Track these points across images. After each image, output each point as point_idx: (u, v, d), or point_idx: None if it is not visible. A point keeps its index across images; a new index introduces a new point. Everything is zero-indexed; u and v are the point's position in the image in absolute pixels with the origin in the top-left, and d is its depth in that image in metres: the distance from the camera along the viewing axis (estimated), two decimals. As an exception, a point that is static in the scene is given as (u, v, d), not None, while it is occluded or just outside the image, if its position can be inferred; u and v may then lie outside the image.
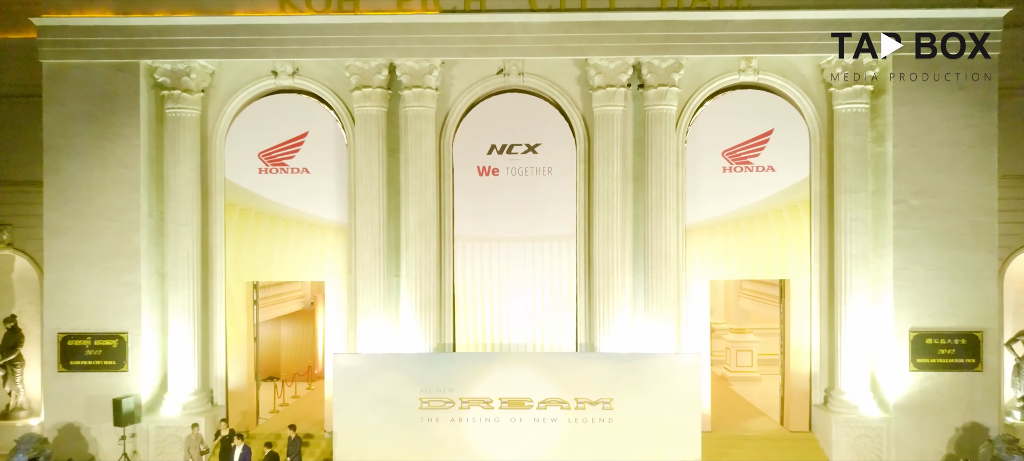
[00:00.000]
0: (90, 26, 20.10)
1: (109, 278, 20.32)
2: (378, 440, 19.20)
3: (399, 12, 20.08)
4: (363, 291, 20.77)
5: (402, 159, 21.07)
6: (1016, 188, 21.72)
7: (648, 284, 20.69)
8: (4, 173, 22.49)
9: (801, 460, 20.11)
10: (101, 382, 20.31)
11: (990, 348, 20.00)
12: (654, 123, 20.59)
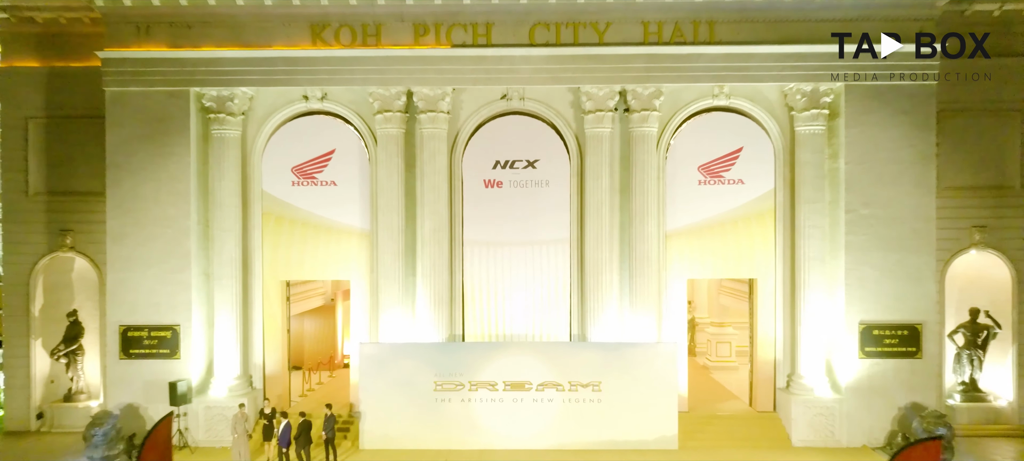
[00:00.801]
0: (147, 58, 23.12)
1: (163, 278, 23.36)
2: (398, 417, 22.28)
3: (416, 47, 23.11)
4: (384, 288, 23.84)
5: (418, 173, 24.09)
6: (957, 198, 24.77)
7: (633, 283, 23.75)
8: (67, 185, 25.52)
9: (765, 436, 23.14)
10: (157, 368, 23.36)
11: (929, 338, 23.05)
12: (638, 142, 23.63)
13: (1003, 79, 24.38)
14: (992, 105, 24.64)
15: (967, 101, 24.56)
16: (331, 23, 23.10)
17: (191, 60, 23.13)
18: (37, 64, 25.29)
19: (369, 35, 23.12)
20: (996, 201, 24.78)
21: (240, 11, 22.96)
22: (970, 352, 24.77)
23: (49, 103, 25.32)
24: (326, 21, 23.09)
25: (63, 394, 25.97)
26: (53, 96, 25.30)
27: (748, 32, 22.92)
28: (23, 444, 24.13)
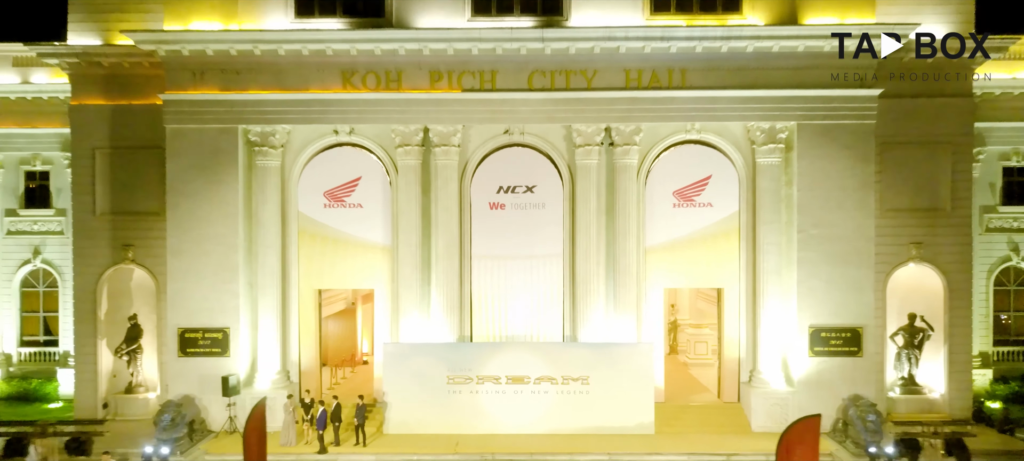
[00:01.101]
0: (202, 100, 27.19)
1: (215, 287, 27.42)
2: (417, 406, 26.33)
3: (431, 91, 27.17)
4: (404, 296, 27.91)
5: (432, 197, 28.13)
6: (898, 218, 28.83)
7: (616, 291, 27.81)
8: (128, 206, 29.60)
9: (729, 423, 27.19)
10: (209, 365, 27.41)
11: (868, 340, 27.10)
12: (621, 171, 27.69)
13: (935, 117, 28.40)
14: (927, 139, 28.64)
15: (906, 135, 28.57)
16: (359, 70, 27.15)
17: (239, 102, 27.17)
18: (103, 101, 29.34)
19: (392, 80, 27.16)
20: (931, 221, 28.80)
21: (281, 60, 27.01)
22: (908, 351, 28.80)
23: (113, 135, 29.37)
24: (355, 68, 27.14)
25: (124, 387, 30.04)
26: (116, 129, 29.34)
27: (715, 78, 26.93)
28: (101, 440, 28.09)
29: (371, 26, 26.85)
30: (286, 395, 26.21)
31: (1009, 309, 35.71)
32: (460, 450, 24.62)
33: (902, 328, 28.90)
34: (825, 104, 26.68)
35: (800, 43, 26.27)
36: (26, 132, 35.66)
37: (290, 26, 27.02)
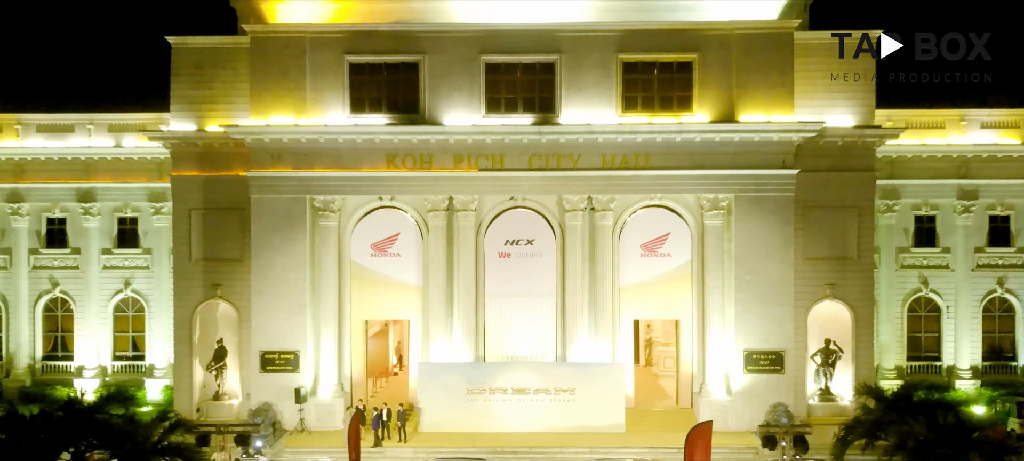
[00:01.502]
0: (279, 177, 35.66)
1: (288, 319, 35.86)
2: (444, 410, 34.72)
3: (455, 170, 35.61)
4: (433, 325, 36.40)
5: (455, 249, 36.58)
6: (815, 265, 37.16)
7: (596, 322, 36.25)
8: (217, 254, 38.00)
9: (683, 424, 35.13)
10: (284, 379, 35.83)
11: (788, 360, 35.49)
12: (599, 230, 36.15)
13: (844, 186, 36.82)
14: (838, 203, 37.01)
15: (822, 200, 36.93)
16: (399, 154, 35.62)
17: (307, 178, 35.66)
18: (197, 172, 37.80)
19: (424, 161, 35.63)
20: (842, 267, 37.20)
21: (339, 146, 35.50)
22: (824, 368, 37.26)
23: (205, 199, 37.83)
24: (396, 152, 35.61)
25: (211, 395, 38.53)
26: (208, 194, 37.79)
27: (672, 160, 35.36)
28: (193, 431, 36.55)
29: (409, 122, 35.32)
30: (346, 407, 34.70)
31: (920, 331, 44.21)
32: (477, 444, 33.02)
33: (819, 350, 37.35)
34: (756, 181, 35.11)
35: (736, 135, 34.73)
36: (118, 186, 44.14)
37: (346, 121, 35.50)
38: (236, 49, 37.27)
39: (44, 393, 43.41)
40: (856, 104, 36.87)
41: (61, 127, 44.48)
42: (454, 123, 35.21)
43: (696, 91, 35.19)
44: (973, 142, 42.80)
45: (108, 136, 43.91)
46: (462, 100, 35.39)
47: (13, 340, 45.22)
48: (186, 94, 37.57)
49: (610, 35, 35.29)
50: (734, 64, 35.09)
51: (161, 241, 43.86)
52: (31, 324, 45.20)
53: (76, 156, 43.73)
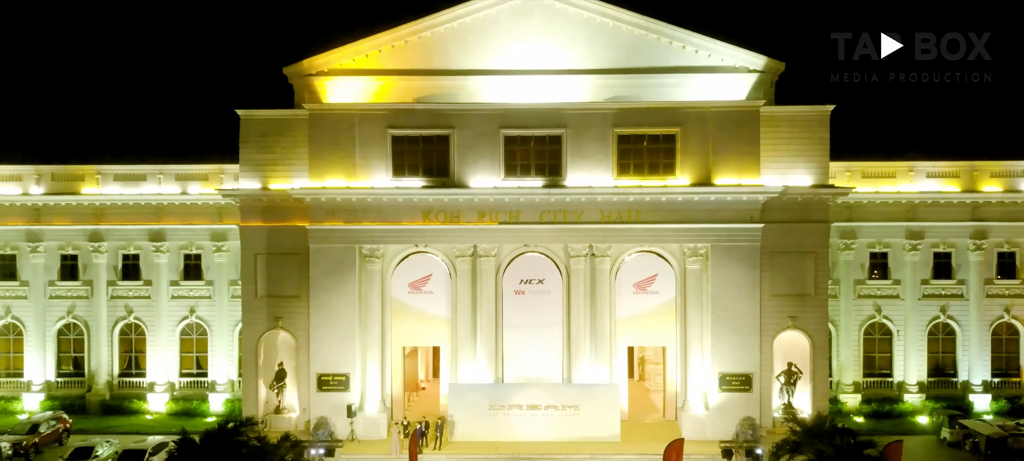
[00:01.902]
0: (333, 230, 43.09)
1: (340, 347, 43.32)
2: (471, 423, 42.17)
3: (478, 224, 43.06)
4: (460, 351, 43.90)
5: (478, 287, 44.02)
6: (780, 301, 44.51)
7: (596, 349, 43.75)
8: (278, 291, 45.36)
9: (668, 434, 42.69)
10: (337, 397, 43.31)
11: (756, 381, 42.94)
12: (599, 272, 43.64)
13: (803, 235, 44.23)
14: (799, 249, 44.37)
15: (785, 247, 44.27)
16: (432, 210, 43.07)
17: (356, 230, 43.10)
18: (262, 223, 45.22)
19: (453, 216, 43.07)
20: (802, 302, 44.59)
21: (383, 204, 42.92)
22: (787, 387, 44.70)
23: (268, 245, 45.24)
24: (430, 209, 43.06)
25: (273, 409, 46.03)
26: (270, 241, 45.19)
27: (659, 216, 42.78)
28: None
29: (441, 184, 42.79)
30: (389, 420, 42.21)
31: (875, 352, 51.74)
32: (499, 452, 40.48)
33: (783, 372, 44.80)
34: (728, 233, 42.58)
35: (712, 195, 42.18)
36: (184, 227, 51.66)
37: (389, 183, 42.96)
38: (294, 120, 44.71)
39: (121, 405, 51.30)
40: (814, 166, 44.31)
41: (135, 176, 52.02)
42: (478, 185, 42.66)
43: (679, 158, 42.64)
44: (920, 190, 50.39)
45: (176, 184, 51.42)
46: (485, 166, 42.85)
47: (94, 360, 52.75)
48: (252, 157, 44.99)
49: (607, 113, 42.78)
50: (710, 136, 42.53)
51: (221, 275, 51.44)
52: (109, 346, 52.75)
53: (148, 201, 51.23)
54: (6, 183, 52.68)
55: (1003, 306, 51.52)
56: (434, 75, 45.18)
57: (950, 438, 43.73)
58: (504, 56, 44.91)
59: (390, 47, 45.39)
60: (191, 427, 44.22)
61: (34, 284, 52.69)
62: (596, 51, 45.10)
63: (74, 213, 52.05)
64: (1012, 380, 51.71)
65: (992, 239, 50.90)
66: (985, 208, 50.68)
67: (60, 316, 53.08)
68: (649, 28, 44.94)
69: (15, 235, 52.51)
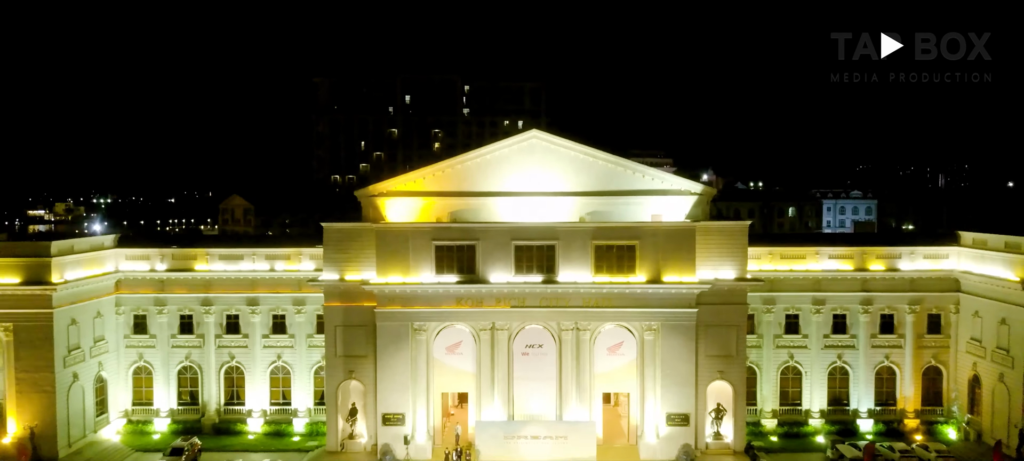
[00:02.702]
0: (393, 312, 61.26)
1: (399, 393, 61.69)
2: (491, 449, 60.55)
3: (495, 307, 61.28)
4: (483, 396, 62.40)
5: (495, 350, 62.29)
6: (711, 360, 63.00)
7: (579, 395, 62.22)
8: (351, 352, 63.60)
9: (630, 457, 61.69)
10: (396, 429, 61.70)
11: (692, 418, 61.36)
12: (581, 341, 62.01)
13: (729, 314, 62.42)
14: (725, 323, 62.56)
15: (715, 321, 62.44)
16: (463, 298, 61.22)
17: (410, 313, 61.30)
18: (339, 303, 63.37)
19: (478, 302, 61.23)
20: (726, 361, 62.81)
21: (429, 293, 61.03)
22: (716, 421, 63.07)
23: (344, 319, 63.37)
24: (461, 297, 61.21)
25: (347, 435, 64.60)
26: (346, 316, 63.32)
27: (624, 303, 60.93)
28: (338, 458, 62.76)
29: (469, 280, 60.86)
30: (433, 446, 60.79)
31: (789, 387, 70.27)
32: (511, 469, 59.18)
33: (713, 410, 63.23)
34: (673, 315, 60.82)
35: (661, 289, 60.30)
36: (272, 295, 69.86)
37: (433, 279, 61.03)
38: (363, 230, 62.65)
39: (227, 428, 69.73)
40: (735, 263, 62.38)
41: (234, 256, 70.16)
42: (496, 280, 60.79)
43: (638, 262, 60.73)
44: (823, 268, 68.63)
45: (265, 262, 69.57)
46: (500, 266, 60.97)
47: (206, 393, 71.22)
48: (332, 257, 63.03)
49: (587, 229, 60.81)
50: (660, 246, 60.57)
51: (300, 330, 69.76)
52: (217, 382, 71.13)
53: (245, 276, 69.42)
54: (138, 261, 70.73)
55: (884, 354, 69.85)
56: (463, 196, 63.16)
57: (831, 456, 62.36)
58: (513, 182, 62.88)
59: (431, 176, 63.37)
60: (281, 445, 63.57)
61: (160, 337, 70.97)
62: (580, 178, 63.06)
63: (189, 284, 70.16)
64: (889, 408, 70.21)
65: (876, 305, 69.11)
66: (871, 282, 68.83)
67: (180, 360, 71.35)
68: (618, 163, 62.85)
69: (145, 301, 70.67)
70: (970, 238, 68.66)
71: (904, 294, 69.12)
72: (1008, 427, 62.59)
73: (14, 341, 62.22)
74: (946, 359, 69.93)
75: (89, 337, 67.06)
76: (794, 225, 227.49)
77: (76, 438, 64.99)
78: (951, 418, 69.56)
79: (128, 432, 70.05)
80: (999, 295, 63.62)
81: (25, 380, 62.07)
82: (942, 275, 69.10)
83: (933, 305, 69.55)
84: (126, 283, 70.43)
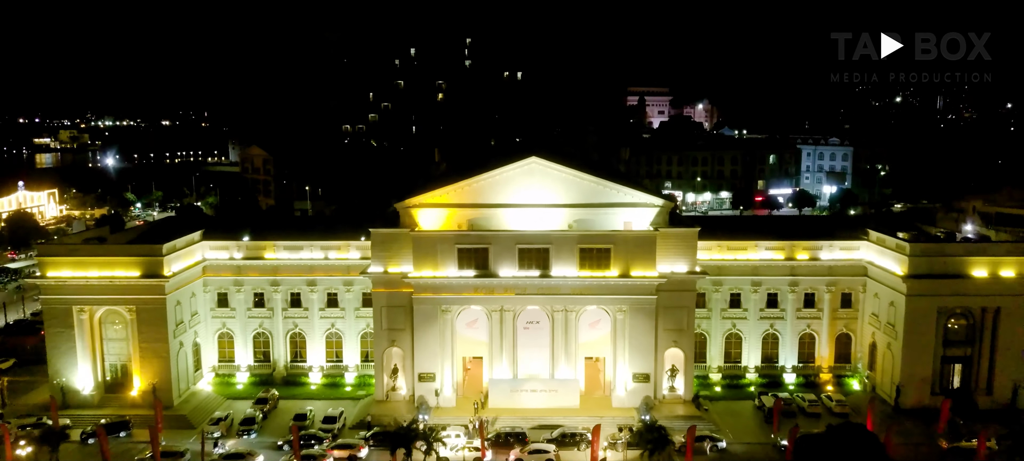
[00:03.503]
0: (427, 297, 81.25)
1: (430, 357, 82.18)
2: (500, 398, 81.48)
3: (504, 294, 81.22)
4: (494, 360, 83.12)
5: (503, 326, 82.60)
6: (667, 332, 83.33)
7: (567, 358, 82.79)
8: (394, 326, 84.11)
9: (605, 405, 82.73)
10: (429, 385, 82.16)
11: (652, 376, 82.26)
12: (569, 319, 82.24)
13: (681, 298, 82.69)
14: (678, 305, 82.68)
15: (671, 304, 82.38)
16: (479, 287, 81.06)
17: (440, 298, 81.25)
18: (384, 290, 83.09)
19: (490, 291, 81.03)
20: (679, 333, 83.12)
21: (453, 284, 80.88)
22: (670, 378, 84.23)
23: (387, 302, 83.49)
24: (477, 287, 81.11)
25: (390, 389, 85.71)
26: (388, 300, 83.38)
27: (602, 291, 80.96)
28: (384, 406, 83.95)
29: (484, 274, 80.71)
30: (457, 397, 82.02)
31: (732, 349, 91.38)
32: (515, 413, 79.93)
33: (669, 369, 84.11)
34: (639, 301, 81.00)
35: (629, 282, 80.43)
36: (326, 278, 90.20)
37: (456, 273, 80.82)
38: (401, 235, 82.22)
39: (293, 380, 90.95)
40: (687, 260, 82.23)
41: (296, 247, 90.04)
42: (504, 274, 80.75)
43: (612, 260, 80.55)
44: (760, 257, 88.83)
45: (320, 251, 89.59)
46: (507, 263, 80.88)
47: (275, 353, 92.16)
48: (378, 254, 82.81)
49: (573, 236, 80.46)
50: (629, 248, 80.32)
51: (349, 305, 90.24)
52: (284, 345, 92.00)
53: (304, 262, 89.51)
54: (219, 251, 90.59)
55: (806, 323, 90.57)
56: (478, 207, 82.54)
57: (757, 404, 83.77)
58: (517, 196, 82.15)
59: (454, 191, 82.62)
60: (336, 394, 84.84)
61: (239, 310, 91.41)
62: (569, 193, 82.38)
63: (260, 269, 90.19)
64: (810, 365, 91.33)
65: (801, 286, 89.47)
66: (798, 268, 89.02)
67: (254, 328, 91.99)
68: (599, 182, 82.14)
69: (226, 282, 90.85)
70: (875, 236, 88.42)
71: (823, 278, 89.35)
72: (891, 383, 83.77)
73: (136, 320, 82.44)
74: (854, 328, 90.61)
75: (187, 312, 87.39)
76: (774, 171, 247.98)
77: (183, 390, 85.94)
78: (856, 373, 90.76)
79: (216, 383, 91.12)
80: (890, 283, 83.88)
81: (146, 349, 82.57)
82: (853, 263, 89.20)
83: (846, 286, 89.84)
84: (210, 268, 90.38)
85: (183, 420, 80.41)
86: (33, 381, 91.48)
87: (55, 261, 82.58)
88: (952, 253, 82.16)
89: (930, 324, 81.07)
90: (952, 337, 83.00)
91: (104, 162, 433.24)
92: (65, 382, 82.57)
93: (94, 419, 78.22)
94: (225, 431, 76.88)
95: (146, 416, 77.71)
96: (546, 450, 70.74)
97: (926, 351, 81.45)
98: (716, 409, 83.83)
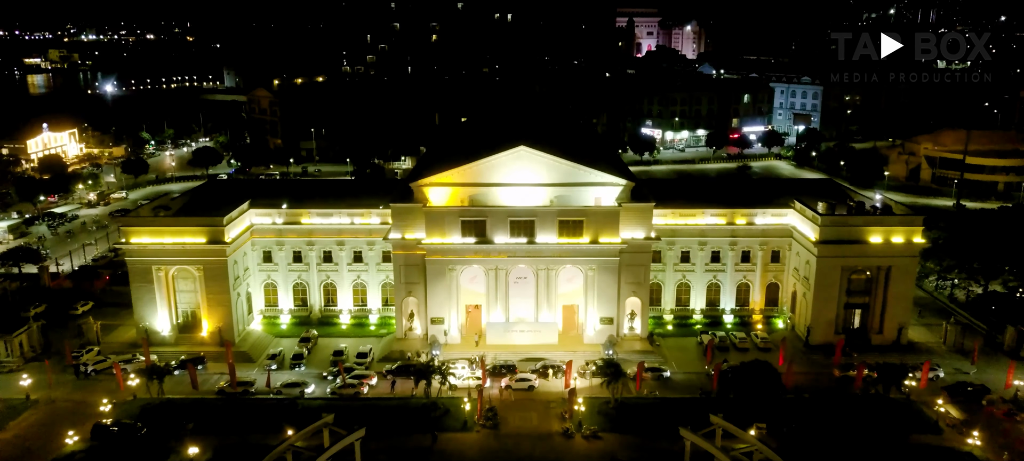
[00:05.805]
0: (437, 259, 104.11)
1: (441, 304, 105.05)
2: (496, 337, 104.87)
3: (498, 257, 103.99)
4: (490, 308, 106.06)
5: (498, 281, 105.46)
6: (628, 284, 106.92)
7: (549, 306, 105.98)
8: (411, 280, 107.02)
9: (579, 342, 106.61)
10: (439, 327, 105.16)
11: (615, 319, 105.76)
12: (550, 275, 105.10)
13: (639, 258, 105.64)
14: (636, 263, 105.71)
15: (631, 263, 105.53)
16: (478, 251, 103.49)
17: (447, 260, 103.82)
18: (402, 252, 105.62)
19: (487, 254, 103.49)
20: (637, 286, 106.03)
21: (458, 248, 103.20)
22: (631, 321, 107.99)
23: (405, 260, 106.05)
24: (477, 251, 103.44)
25: (407, 329, 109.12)
26: (407, 259, 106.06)
27: (577, 253, 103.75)
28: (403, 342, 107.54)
29: (482, 240, 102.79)
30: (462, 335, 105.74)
31: (683, 295, 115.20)
32: (506, 349, 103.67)
33: (629, 314, 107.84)
34: (605, 262, 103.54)
35: (597, 247, 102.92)
36: (353, 239, 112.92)
37: (460, 240, 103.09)
38: (415, 209, 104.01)
39: (326, 320, 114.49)
40: (645, 228, 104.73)
41: (327, 213, 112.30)
42: (499, 241, 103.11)
43: (585, 230, 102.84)
44: (706, 222, 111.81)
45: (347, 217, 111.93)
46: (501, 232, 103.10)
47: (311, 299, 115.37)
48: (397, 224, 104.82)
49: (554, 211, 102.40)
50: (598, 220, 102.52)
51: (372, 261, 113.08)
52: (319, 293, 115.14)
53: (334, 226, 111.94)
54: (263, 217, 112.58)
55: (743, 275, 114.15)
56: (477, 186, 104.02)
57: (698, 341, 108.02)
58: (508, 176, 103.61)
59: (458, 172, 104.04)
60: (363, 333, 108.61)
61: (281, 265, 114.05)
62: (551, 175, 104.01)
63: (298, 231, 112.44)
64: (745, 308, 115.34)
65: (739, 245, 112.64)
66: (736, 230, 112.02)
67: (294, 280, 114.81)
68: (574, 166, 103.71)
69: (270, 242, 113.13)
70: (798, 206, 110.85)
71: (757, 238, 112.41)
72: (804, 324, 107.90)
73: (203, 276, 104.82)
74: (781, 279, 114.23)
75: (241, 268, 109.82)
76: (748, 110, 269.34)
77: (240, 332, 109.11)
78: (782, 314, 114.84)
79: (265, 324, 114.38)
80: (806, 245, 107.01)
81: (212, 299, 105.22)
82: (781, 227, 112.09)
83: (775, 245, 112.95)
84: (257, 231, 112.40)
85: (245, 355, 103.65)
86: (113, 323, 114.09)
87: (137, 230, 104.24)
88: (854, 223, 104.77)
89: (835, 278, 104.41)
90: (854, 288, 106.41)
91: (102, 88, 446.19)
92: (148, 325, 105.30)
93: (174, 355, 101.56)
94: (279, 364, 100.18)
95: (216, 352, 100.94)
96: (529, 378, 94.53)
97: (832, 300, 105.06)
98: (667, 344, 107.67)
